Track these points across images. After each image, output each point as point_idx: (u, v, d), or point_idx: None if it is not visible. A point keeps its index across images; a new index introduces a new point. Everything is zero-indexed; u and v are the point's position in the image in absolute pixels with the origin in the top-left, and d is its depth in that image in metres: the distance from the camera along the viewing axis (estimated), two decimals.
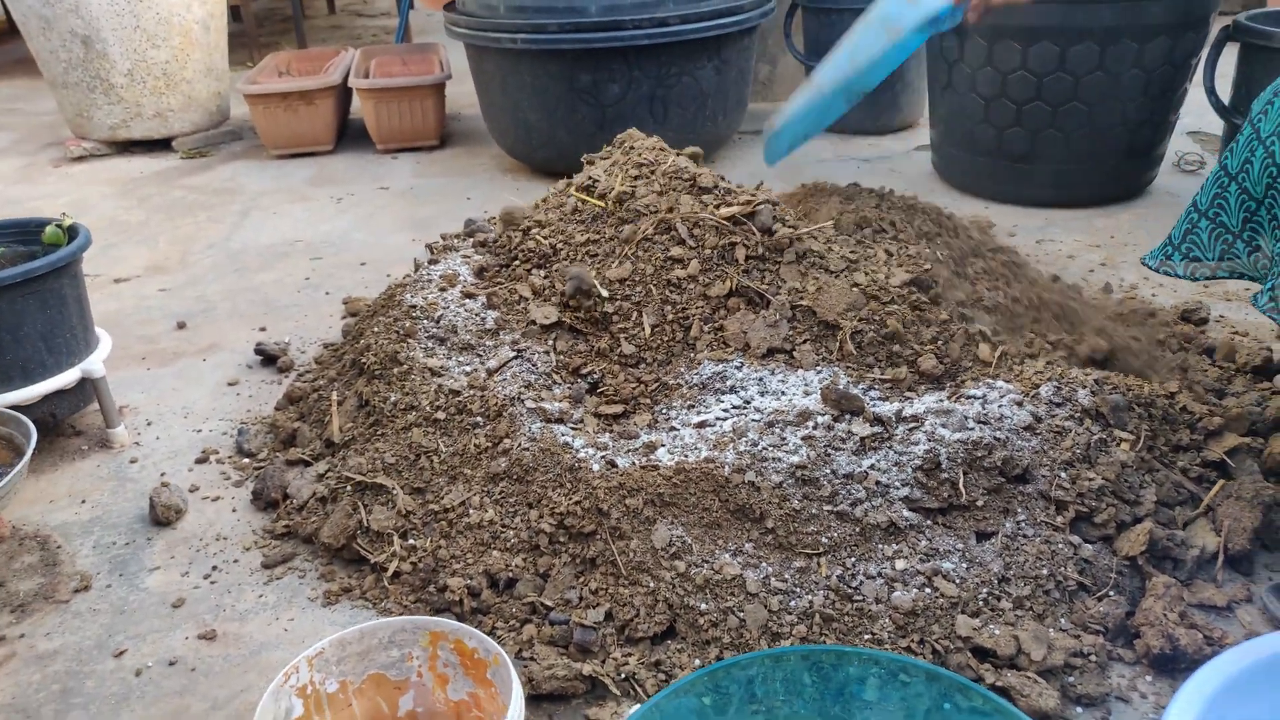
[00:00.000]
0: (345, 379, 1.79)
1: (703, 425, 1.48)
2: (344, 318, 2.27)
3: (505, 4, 2.96)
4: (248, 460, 1.74)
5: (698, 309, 1.66)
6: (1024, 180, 2.75)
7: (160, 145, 3.78)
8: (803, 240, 1.70)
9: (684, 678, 0.95)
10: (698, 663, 1.22)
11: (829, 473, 1.35)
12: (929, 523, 1.33)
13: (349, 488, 1.51)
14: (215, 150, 3.80)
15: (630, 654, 1.24)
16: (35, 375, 1.69)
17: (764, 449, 1.38)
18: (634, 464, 1.40)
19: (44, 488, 1.70)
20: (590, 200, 1.85)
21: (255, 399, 1.95)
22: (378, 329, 1.75)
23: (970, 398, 1.45)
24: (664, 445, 1.45)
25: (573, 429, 1.51)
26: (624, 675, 1.21)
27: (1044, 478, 1.37)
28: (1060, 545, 1.31)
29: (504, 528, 1.39)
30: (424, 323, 1.72)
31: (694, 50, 2.96)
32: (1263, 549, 1.39)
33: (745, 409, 1.50)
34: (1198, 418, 1.51)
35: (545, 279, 1.78)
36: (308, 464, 1.63)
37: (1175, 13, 2.47)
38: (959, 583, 1.27)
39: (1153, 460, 1.45)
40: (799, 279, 1.66)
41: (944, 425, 1.39)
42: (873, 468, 1.36)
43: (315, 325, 2.26)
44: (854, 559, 1.29)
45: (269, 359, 2.09)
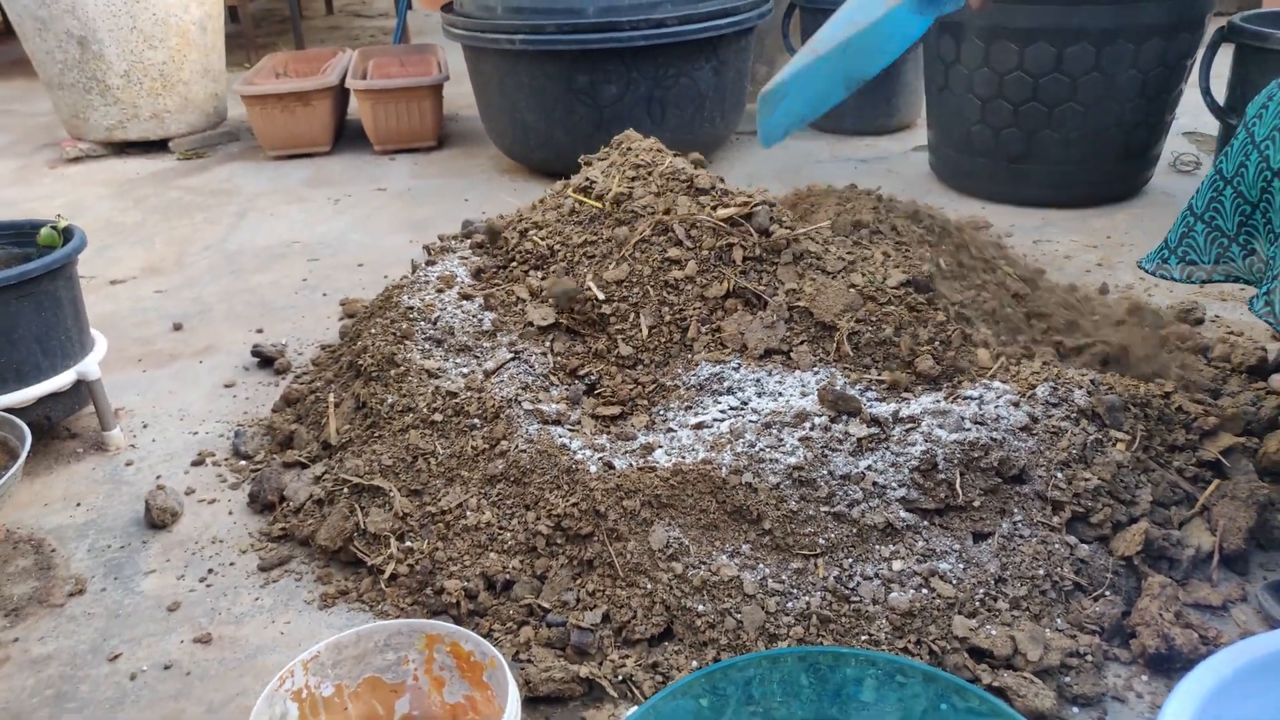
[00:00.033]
0: (342, 381, 1.78)
1: (700, 426, 1.48)
2: (341, 319, 2.26)
3: (503, 5, 2.96)
4: (244, 463, 1.73)
5: (695, 310, 1.66)
6: (1020, 181, 2.75)
7: (157, 146, 3.77)
8: (800, 241, 1.70)
9: (681, 679, 0.95)
10: (695, 664, 1.22)
11: (826, 474, 1.35)
12: (926, 523, 1.33)
13: (346, 490, 1.51)
14: (212, 151, 3.80)
15: (627, 656, 1.24)
16: (30, 378, 1.68)
17: (761, 450, 1.38)
18: (631, 465, 1.40)
19: (39, 491, 1.70)
20: (587, 201, 1.85)
21: (252, 401, 1.95)
22: (375, 330, 1.75)
23: (967, 398, 1.45)
24: (661, 446, 1.45)
25: (570, 430, 1.51)
26: (621, 677, 1.21)
27: (1040, 478, 1.37)
28: (1056, 545, 1.31)
29: (501, 530, 1.39)
30: (421, 324, 1.71)
31: (691, 51, 2.96)
32: (1258, 548, 1.39)
33: (742, 410, 1.50)
34: (1193, 418, 1.51)
35: (543, 280, 1.78)
36: (304, 466, 1.63)
37: (1171, 14, 2.48)
38: (956, 583, 1.27)
39: (1148, 460, 1.45)
40: (796, 280, 1.66)
41: (941, 426, 1.39)
42: (870, 469, 1.36)
43: (312, 327, 2.26)
44: (851, 560, 1.30)
45: (266, 361, 2.09)
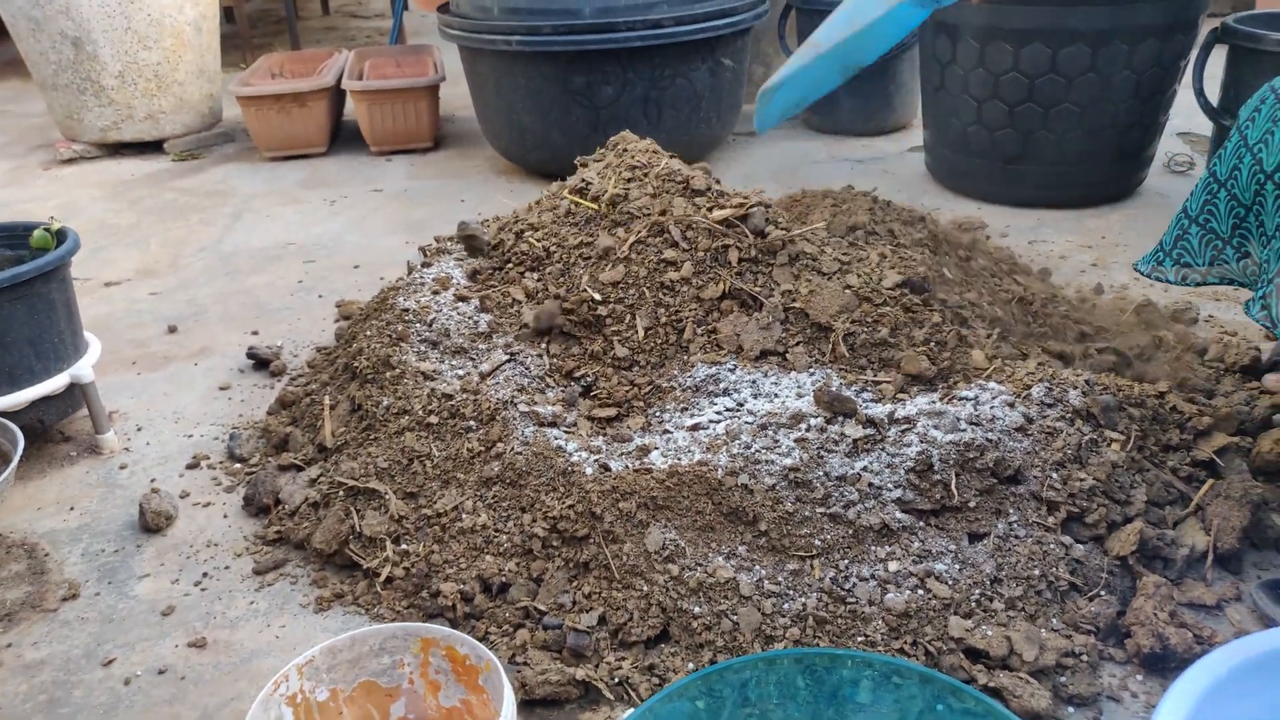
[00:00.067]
0: (338, 383, 1.78)
1: (696, 428, 1.48)
2: (337, 321, 2.26)
3: (499, 6, 2.95)
4: (239, 465, 1.73)
5: (691, 311, 1.66)
6: (1016, 181, 2.76)
7: (151, 147, 3.77)
8: (795, 242, 1.70)
9: (678, 681, 0.95)
10: (691, 666, 1.22)
11: (822, 475, 1.35)
12: (921, 524, 1.33)
13: (341, 493, 1.50)
14: (207, 152, 3.79)
15: (624, 658, 1.24)
16: (23, 381, 1.68)
17: (757, 451, 1.38)
18: (627, 467, 1.40)
19: (32, 494, 1.69)
20: (583, 203, 1.85)
21: (247, 403, 1.95)
22: (370, 332, 1.75)
23: (962, 399, 1.45)
24: (657, 448, 1.45)
25: (566, 432, 1.51)
26: (617, 680, 1.21)
27: (1035, 478, 1.37)
28: (1052, 546, 1.31)
29: (497, 532, 1.39)
30: (416, 326, 1.71)
31: (688, 52, 2.96)
32: (1252, 547, 1.40)
33: (738, 411, 1.50)
34: (1187, 417, 1.52)
35: (538, 282, 1.78)
36: (300, 469, 1.62)
37: (1166, 15, 2.48)
38: (951, 584, 1.27)
39: (1143, 460, 1.45)
40: (792, 281, 1.66)
41: (936, 427, 1.39)
42: (865, 470, 1.36)
43: (308, 329, 2.25)
44: (847, 561, 1.30)
45: (261, 363, 2.08)
